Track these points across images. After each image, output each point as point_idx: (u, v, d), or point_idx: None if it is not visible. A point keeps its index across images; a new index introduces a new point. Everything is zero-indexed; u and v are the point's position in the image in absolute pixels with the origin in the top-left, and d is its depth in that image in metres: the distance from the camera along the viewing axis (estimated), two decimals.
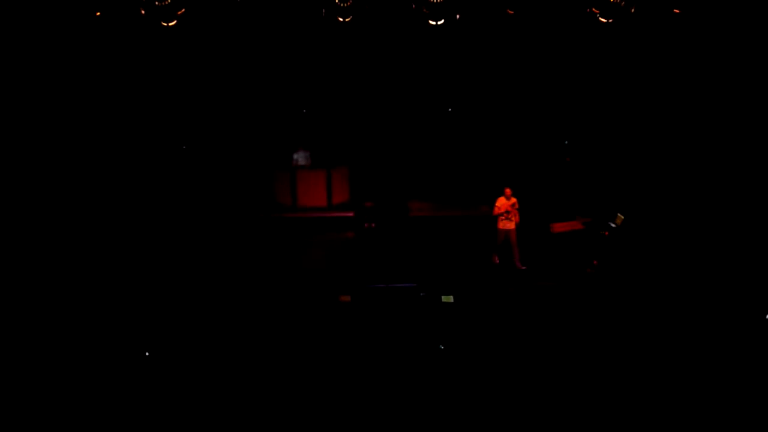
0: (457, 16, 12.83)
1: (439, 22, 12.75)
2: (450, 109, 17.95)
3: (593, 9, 12.56)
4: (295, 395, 9.56)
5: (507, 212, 14.71)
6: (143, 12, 12.52)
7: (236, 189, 17.96)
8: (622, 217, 14.28)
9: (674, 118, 14.95)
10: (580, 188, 16.80)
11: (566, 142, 17.31)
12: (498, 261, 15.09)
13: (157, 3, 12.38)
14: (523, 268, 14.76)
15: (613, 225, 14.34)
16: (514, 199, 14.83)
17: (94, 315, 12.06)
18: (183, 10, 12.66)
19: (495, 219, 14.90)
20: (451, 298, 12.21)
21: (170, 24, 12.73)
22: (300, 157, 18.57)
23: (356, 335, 11.30)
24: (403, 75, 16.84)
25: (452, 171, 18.32)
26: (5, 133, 13.93)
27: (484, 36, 15.01)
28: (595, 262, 14.42)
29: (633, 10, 12.39)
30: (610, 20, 12.49)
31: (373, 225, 17.08)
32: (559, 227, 15.17)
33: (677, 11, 12.89)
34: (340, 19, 12.95)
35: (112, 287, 13.27)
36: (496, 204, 14.85)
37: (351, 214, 17.70)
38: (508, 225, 14.79)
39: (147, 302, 12.67)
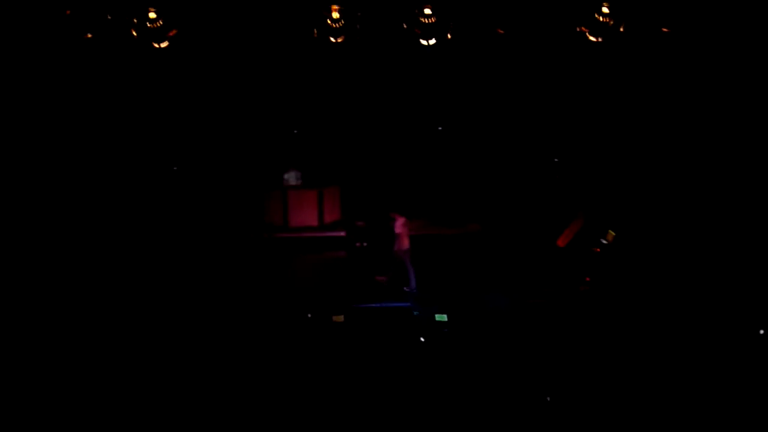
0: (449, 36, 12.88)
1: (431, 42, 12.81)
2: (440, 128, 18.00)
3: (583, 28, 12.66)
4: (287, 416, 9.51)
5: None
6: (134, 33, 12.55)
7: (227, 209, 17.92)
8: (614, 233, 14.30)
9: (665, 137, 15.02)
10: (571, 204, 16.82)
11: (556, 160, 17.38)
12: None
13: (148, 24, 12.41)
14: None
15: (605, 241, 14.35)
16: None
17: (85, 335, 11.99)
18: (175, 31, 12.69)
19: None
20: (445, 317, 12.19)
21: (162, 45, 12.75)
22: (291, 177, 18.54)
23: (349, 355, 11.26)
24: (394, 94, 16.89)
25: (442, 189, 18.35)
26: None
27: (475, 56, 15.07)
28: (587, 279, 14.42)
29: (622, 29, 12.51)
30: (600, 39, 12.60)
31: (365, 244, 17.07)
32: (563, 240, 15.10)
33: (666, 30, 12.99)
34: (332, 40, 12.99)
35: (101, 306, 13.18)
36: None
37: (343, 234, 17.68)
38: None
39: (137, 321, 12.60)
